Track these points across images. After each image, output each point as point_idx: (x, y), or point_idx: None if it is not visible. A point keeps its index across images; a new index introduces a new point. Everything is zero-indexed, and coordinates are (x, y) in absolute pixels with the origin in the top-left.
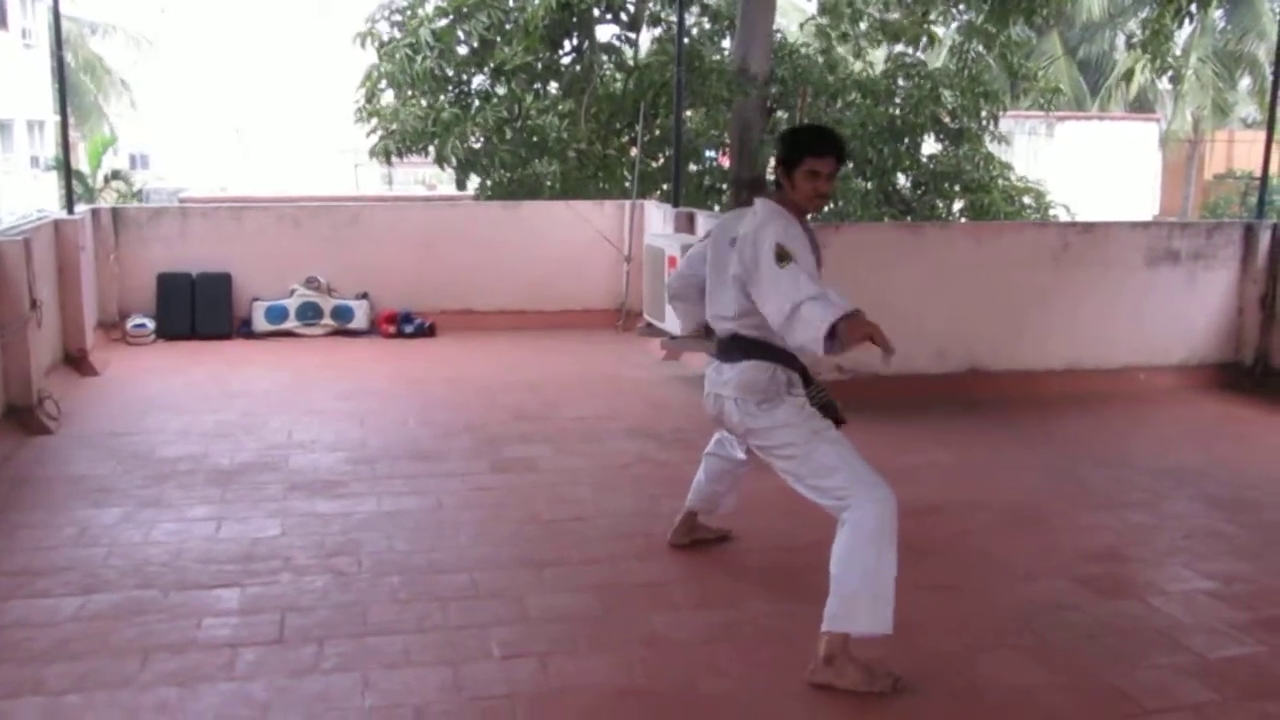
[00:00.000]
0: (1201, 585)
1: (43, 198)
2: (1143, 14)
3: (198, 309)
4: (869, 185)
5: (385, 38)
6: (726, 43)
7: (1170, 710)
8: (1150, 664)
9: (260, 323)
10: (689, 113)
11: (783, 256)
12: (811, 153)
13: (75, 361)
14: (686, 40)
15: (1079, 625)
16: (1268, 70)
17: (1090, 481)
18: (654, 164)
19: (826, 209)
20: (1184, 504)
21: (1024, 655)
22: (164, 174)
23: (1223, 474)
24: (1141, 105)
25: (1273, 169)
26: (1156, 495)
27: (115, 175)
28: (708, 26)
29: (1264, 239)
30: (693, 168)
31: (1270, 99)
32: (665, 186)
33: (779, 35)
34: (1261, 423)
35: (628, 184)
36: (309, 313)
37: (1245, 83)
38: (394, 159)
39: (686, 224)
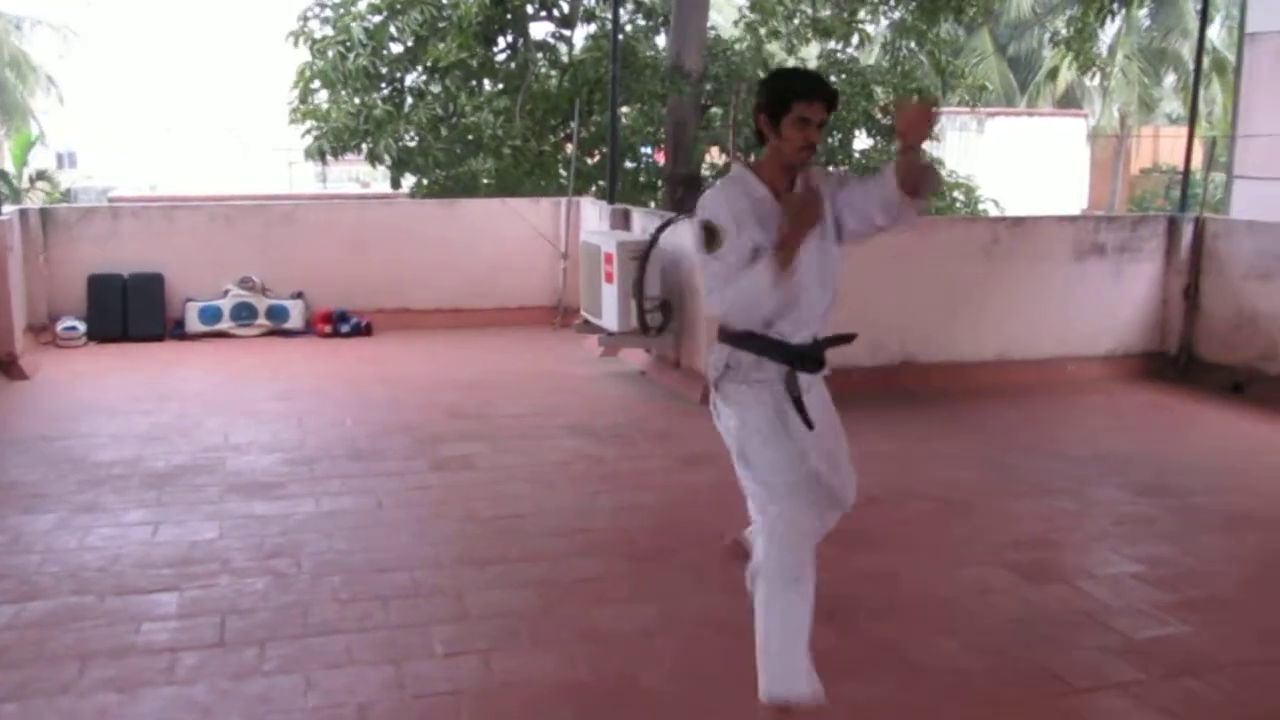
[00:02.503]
0: (1128, 569)
1: None
2: (1069, 12)
3: (130, 311)
4: None
5: (318, 35)
6: (661, 40)
7: (1098, 689)
8: (1079, 645)
9: (194, 324)
10: (624, 109)
11: (710, 239)
12: (800, 98)
13: (4, 366)
14: (621, 37)
15: (1010, 609)
16: (1191, 67)
17: (1020, 470)
18: (590, 161)
19: None
20: (1111, 490)
21: (958, 639)
22: (92, 173)
23: (1148, 461)
24: (1069, 101)
25: (1196, 163)
26: (1084, 482)
27: (42, 175)
28: (642, 23)
29: (1187, 232)
30: (628, 164)
31: (1192, 95)
32: (601, 183)
33: (713, 32)
34: (1186, 411)
35: (564, 181)
36: (243, 313)
37: (1170, 79)
38: (328, 158)
39: (622, 221)
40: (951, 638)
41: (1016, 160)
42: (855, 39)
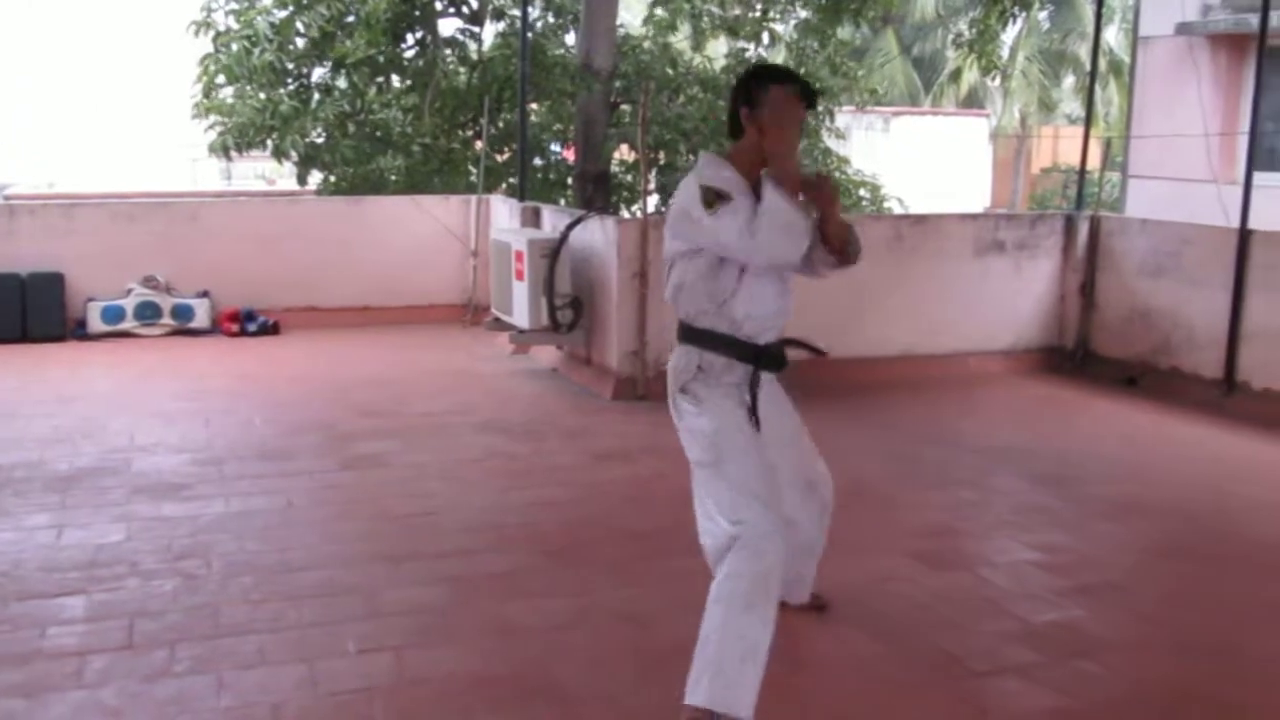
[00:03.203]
0: (1026, 556)
1: None
2: (971, 15)
3: (28, 311)
4: None
5: (221, 28)
6: (570, 38)
7: (997, 673)
8: (979, 630)
9: (96, 324)
10: (534, 107)
11: (711, 202)
12: (776, 81)
13: None
14: (530, 35)
15: (913, 597)
16: (1089, 69)
17: (924, 462)
18: (499, 158)
19: None
20: (1011, 481)
21: (862, 627)
22: None
23: (1046, 452)
24: (972, 102)
25: (1093, 163)
26: (985, 473)
27: None
28: (551, 21)
29: (1083, 229)
30: (538, 162)
31: (1088, 97)
32: (511, 181)
33: (622, 30)
34: (1082, 404)
35: (473, 179)
36: (147, 312)
37: (1069, 81)
38: (233, 154)
39: (533, 218)
40: (855, 625)
41: (921, 159)
42: (765, 38)
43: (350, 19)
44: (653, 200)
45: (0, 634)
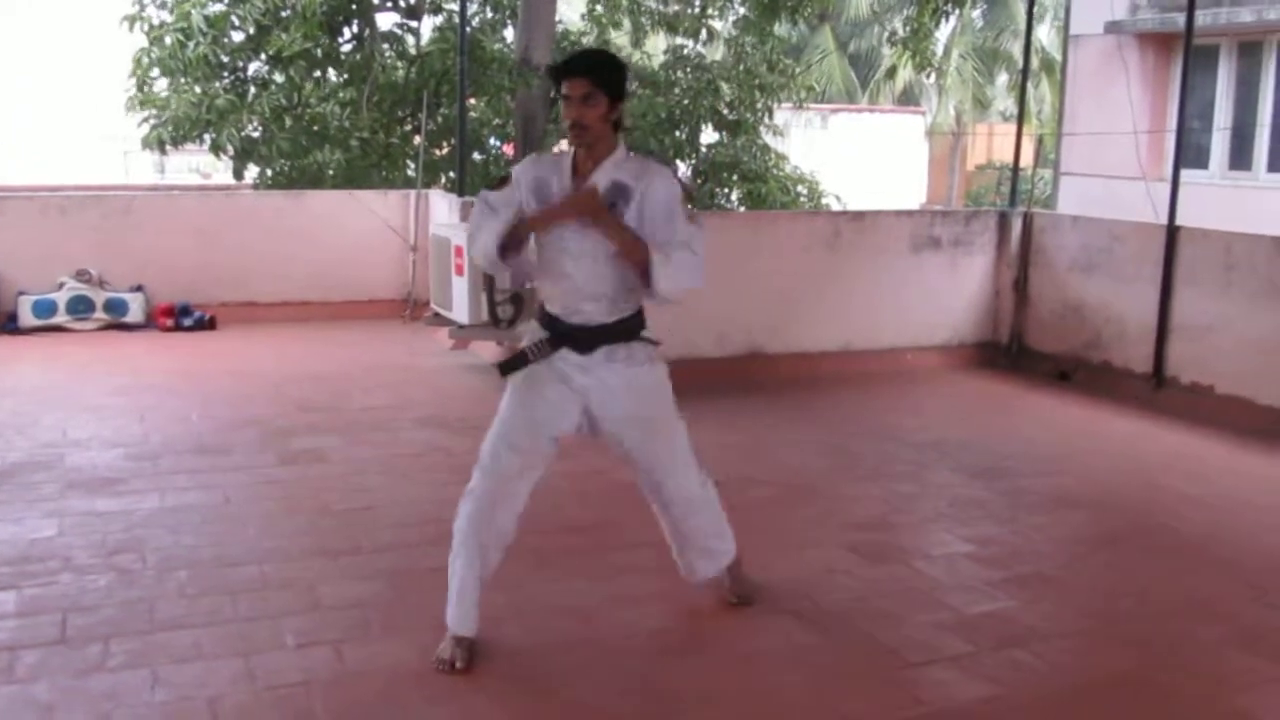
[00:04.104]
0: (960, 548)
1: None
2: (906, 12)
3: None
4: None
5: (155, 21)
6: (509, 32)
7: (931, 663)
8: (914, 622)
9: (27, 318)
10: (472, 102)
11: (498, 185)
12: (561, 76)
13: None
14: (468, 29)
15: (850, 589)
16: (1021, 67)
17: (860, 455)
18: (438, 153)
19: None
20: (946, 474)
21: (798, 620)
22: None
23: (981, 446)
24: (908, 99)
25: (1026, 160)
26: (921, 466)
27: None
28: (490, 16)
29: (1016, 226)
30: (477, 157)
31: (1020, 94)
32: (450, 175)
33: (561, 25)
34: (1016, 398)
35: (412, 173)
36: (80, 306)
37: (1003, 79)
38: (167, 148)
39: None
40: (791, 617)
41: (859, 156)
42: (704, 34)
43: (286, 13)
44: None
45: None
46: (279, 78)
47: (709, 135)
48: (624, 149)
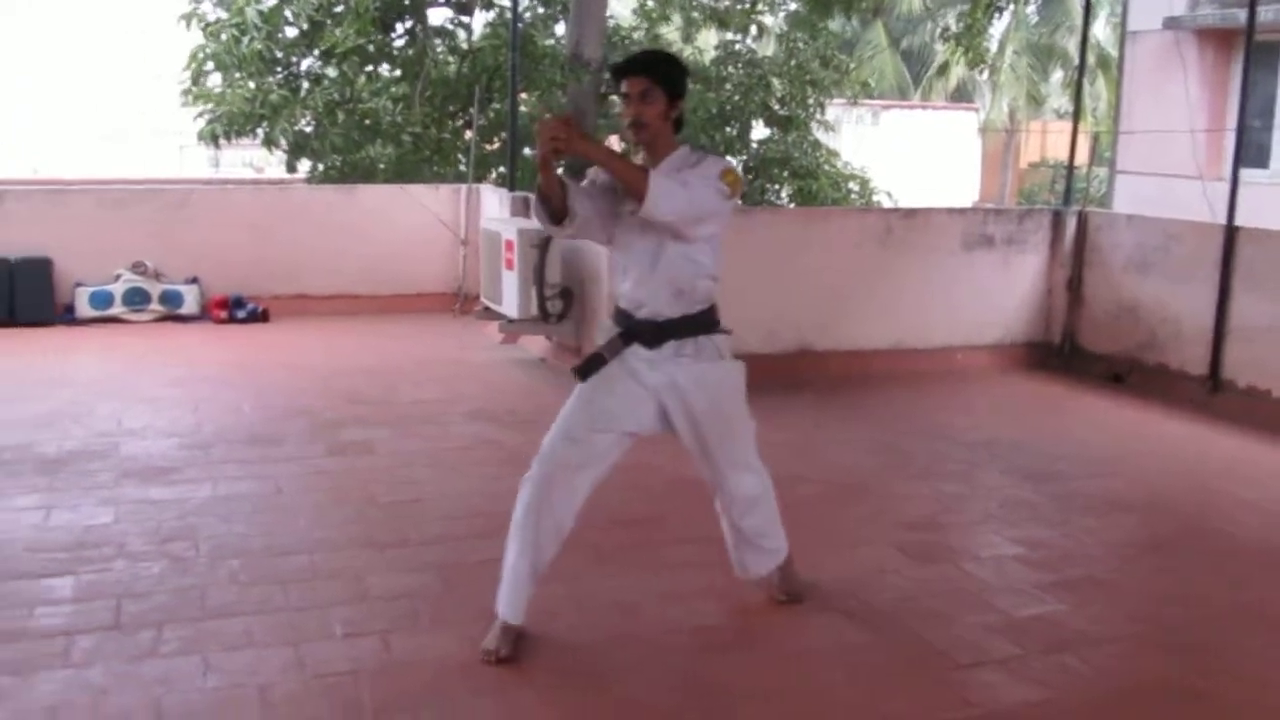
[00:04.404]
0: (1010, 550)
1: None
2: (959, 8)
3: (17, 295)
4: None
5: (210, 18)
6: (560, 28)
7: (979, 665)
8: (962, 623)
9: (84, 309)
10: (524, 97)
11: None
12: (619, 76)
13: None
14: (520, 24)
15: (899, 589)
16: (1077, 64)
17: (910, 455)
18: (489, 148)
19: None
20: (996, 475)
21: (847, 618)
22: None
23: (1032, 447)
24: (961, 95)
25: (1081, 158)
26: (971, 467)
27: None
28: (541, 11)
29: (1071, 224)
30: (528, 152)
31: (1076, 91)
32: (501, 170)
33: (612, 21)
34: (1069, 399)
35: (463, 168)
36: (136, 298)
37: (1058, 75)
38: (222, 142)
39: (523, 208)
40: (840, 615)
41: (911, 152)
42: (754, 30)
43: (339, 8)
44: None
45: None
46: (332, 73)
47: (760, 131)
48: (687, 148)
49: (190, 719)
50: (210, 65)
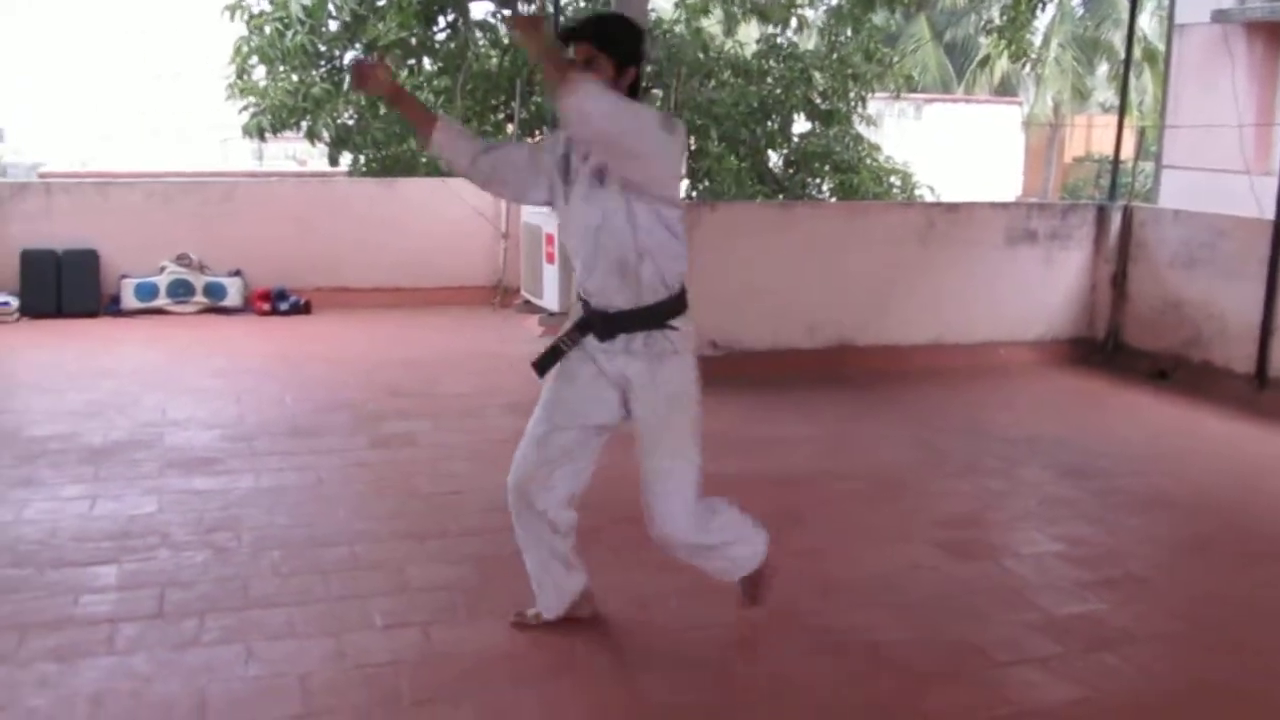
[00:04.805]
0: (1050, 548)
1: None
2: (1003, 1)
3: (64, 286)
4: (742, 164)
5: (255, 11)
6: None
7: (1019, 663)
8: (1002, 621)
9: (130, 300)
10: None
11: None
12: (564, 39)
13: None
14: (561, 17)
15: (937, 585)
16: (1122, 57)
17: (950, 451)
18: (531, 141)
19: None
20: (1037, 472)
21: (885, 614)
22: (20, 148)
23: (1074, 444)
24: (1005, 89)
25: (1126, 153)
26: (1012, 463)
27: None
28: (582, 4)
29: (1116, 220)
30: None
31: (1122, 85)
32: None
33: (653, 14)
34: (1111, 395)
35: None
36: (180, 290)
37: (1103, 69)
38: (266, 135)
39: None
40: (878, 612)
41: (953, 146)
42: (794, 23)
43: (382, 2)
44: (683, 185)
45: (35, 600)
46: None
47: (801, 125)
48: None
49: (232, 707)
50: (254, 59)
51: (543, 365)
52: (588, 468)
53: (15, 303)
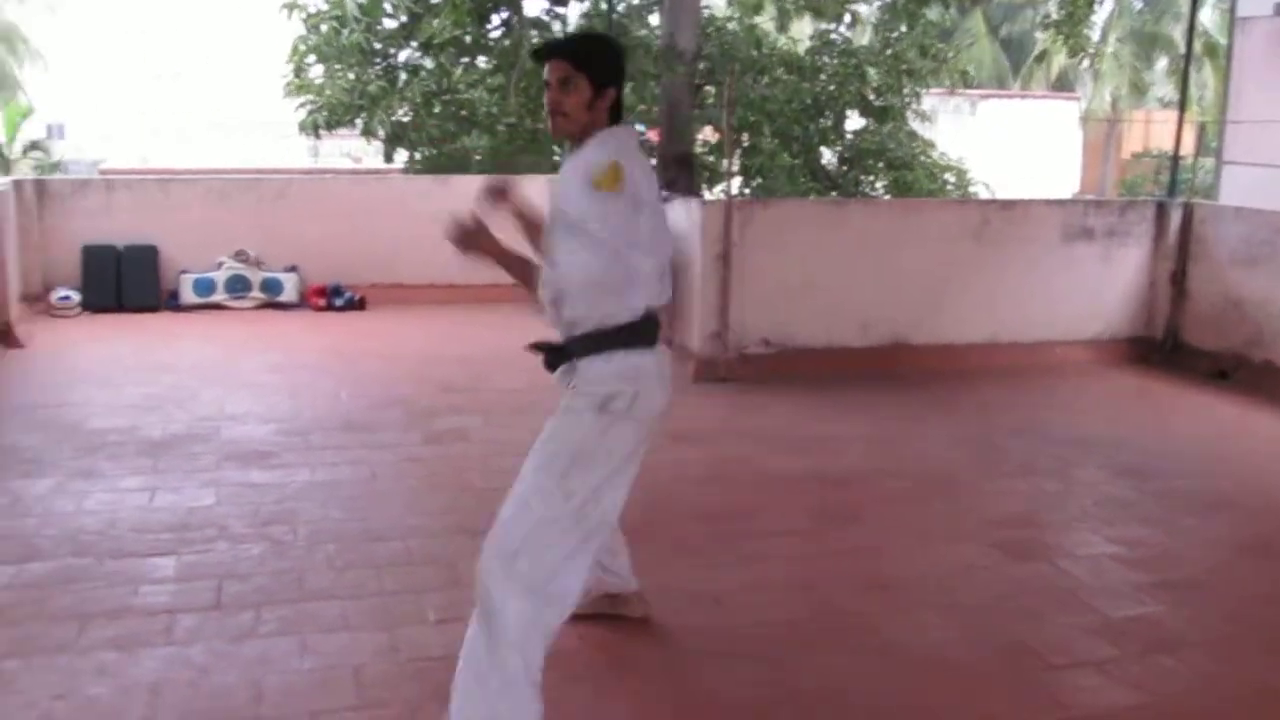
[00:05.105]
0: (1107, 549)
1: None
2: None
3: (124, 281)
4: (795, 161)
5: (311, 10)
6: (655, 19)
7: (1074, 666)
8: (1057, 622)
9: (188, 295)
10: None
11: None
12: (541, 60)
13: (0, 334)
14: (614, 15)
15: (991, 586)
16: (1182, 51)
17: (1006, 450)
18: None
19: (758, 182)
20: (1093, 472)
21: (938, 614)
22: (82, 144)
23: (1132, 444)
24: (1063, 84)
25: (1186, 148)
26: (1068, 464)
27: (34, 146)
28: (635, 2)
29: (1175, 217)
30: None
31: (1182, 80)
32: None
33: (707, 11)
34: (1170, 395)
35: (556, 158)
36: (237, 285)
37: (1162, 63)
38: (322, 132)
39: None
40: (931, 613)
41: (1009, 143)
42: (847, 19)
43: (436, 0)
44: (736, 182)
45: (96, 590)
46: (429, 64)
47: (855, 121)
48: (605, 132)
49: (287, 698)
50: (311, 57)
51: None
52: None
53: (77, 297)
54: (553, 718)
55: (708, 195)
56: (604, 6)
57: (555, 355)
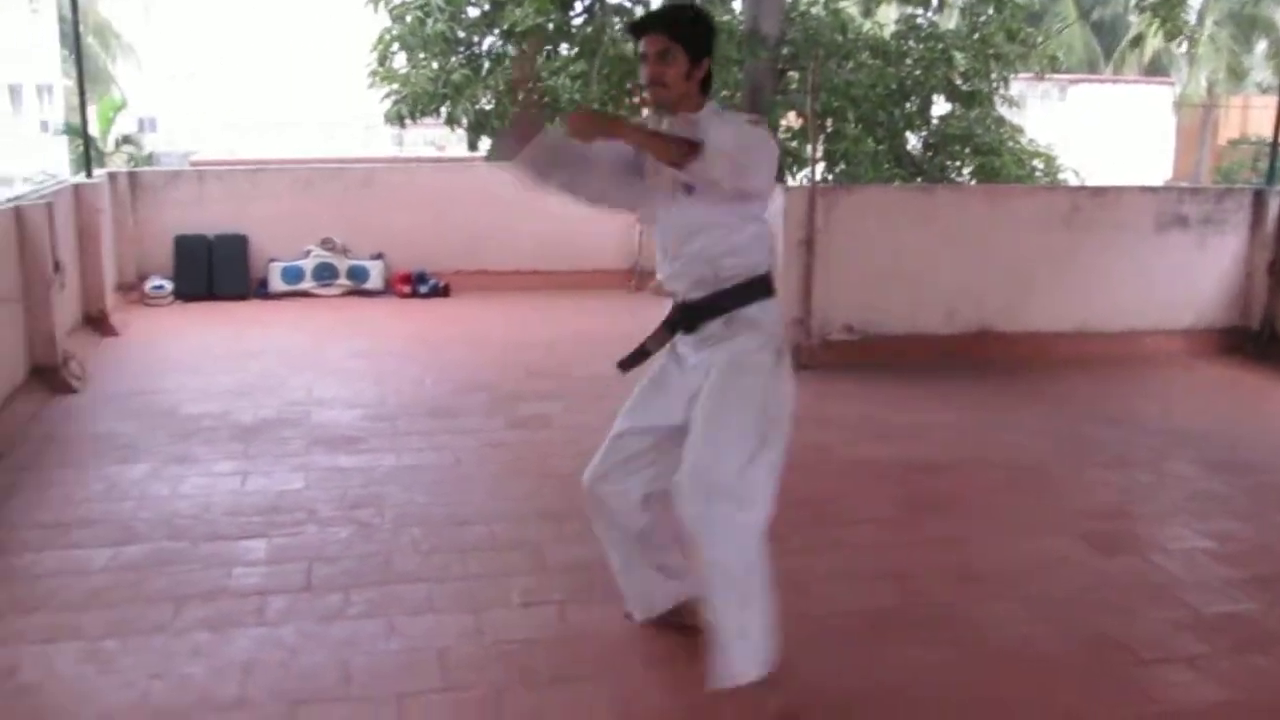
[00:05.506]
0: (1200, 544)
1: (51, 162)
2: None
3: (215, 270)
4: (880, 147)
5: (396, 1)
6: (738, 4)
7: (1165, 661)
8: (1147, 617)
9: (277, 283)
10: None
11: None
12: (637, 34)
13: (96, 323)
14: (697, 1)
15: (1080, 579)
16: None
17: (1096, 441)
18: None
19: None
20: (1186, 465)
21: (1025, 606)
22: (173, 137)
23: (1224, 437)
24: (1156, 69)
25: None
26: (1160, 456)
27: (127, 139)
28: None
29: (1274, 205)
30: None
31: None
32: None
33: None
34: (1265, 387)
35: None
36: (325, 273)
37: (1261, 46)
38: (406, 121)
39: None
40: (1019, 604)
41: (1100, 128)
42: (934, 3)
43: None
44: (820, 168)
45: (191, 572)
46: (512, 52)
47: (941, 107)
48: (712, 105)
49: (374, 679)
50: (396, 47)
51: (626, 365)
52: (667, 472)
53: (169, 286)
54: (650, 702)
55: (791, 181)
56: None
57: (692, 315)
